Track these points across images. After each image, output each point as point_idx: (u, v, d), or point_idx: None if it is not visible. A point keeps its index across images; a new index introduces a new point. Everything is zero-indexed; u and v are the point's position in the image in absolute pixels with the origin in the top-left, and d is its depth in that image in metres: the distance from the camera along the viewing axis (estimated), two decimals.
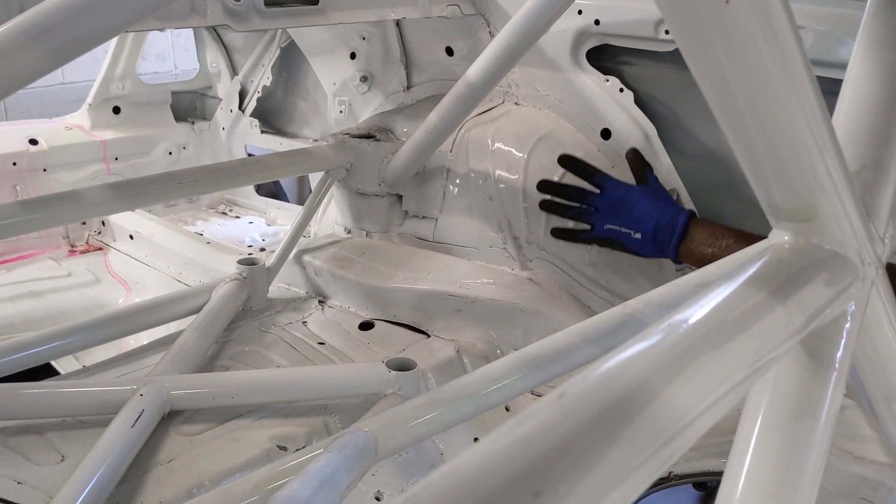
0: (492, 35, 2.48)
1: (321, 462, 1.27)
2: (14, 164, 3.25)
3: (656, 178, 2.15)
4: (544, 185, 2.23)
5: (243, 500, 1.37)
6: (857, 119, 0.97)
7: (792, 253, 0.80)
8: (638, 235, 2.06)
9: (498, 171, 2.37)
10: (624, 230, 2.09)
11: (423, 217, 2.58)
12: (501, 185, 2.36)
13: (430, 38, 2.75)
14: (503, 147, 2.39)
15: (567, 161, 2.22)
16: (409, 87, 2.90)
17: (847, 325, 0.84)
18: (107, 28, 1.23)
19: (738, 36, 0.64)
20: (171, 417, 1.80)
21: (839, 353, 0.83)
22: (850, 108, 0.98)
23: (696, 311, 0.66)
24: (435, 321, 2.28)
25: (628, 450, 0.49)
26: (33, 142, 3.32)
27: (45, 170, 3.32)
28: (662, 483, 1.85)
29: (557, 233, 2.25)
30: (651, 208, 2.05)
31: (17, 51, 1.13)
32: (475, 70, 2.17)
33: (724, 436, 0.82)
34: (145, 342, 2.34)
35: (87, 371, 2.14)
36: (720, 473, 0.81)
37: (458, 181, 2.48)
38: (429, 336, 2.27)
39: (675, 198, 2.28)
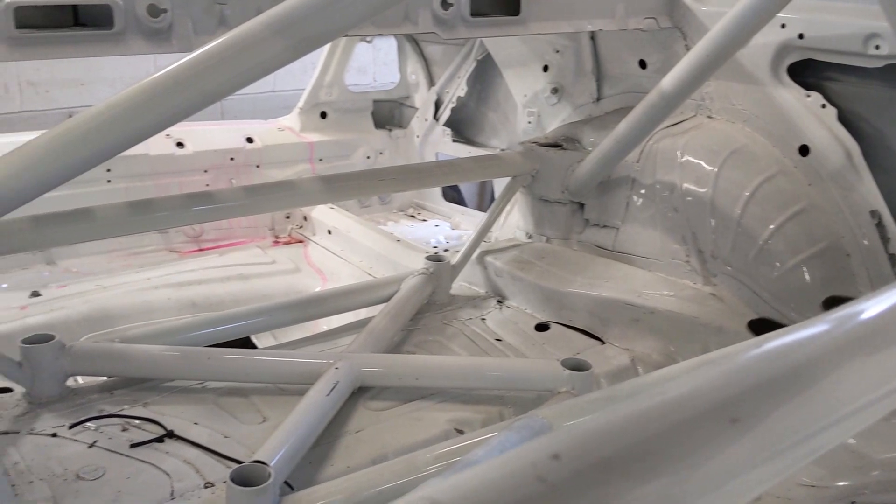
0: (688, 48, 2.48)
1: (502, 437, 1.35)
2: (232, 159, 3.60)
3: None
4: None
5: (426, 467, 1.47)
6: None
7: None
8: None
9: (685, 184, 2.37)
10: None
11: (605, 226, 2.61)
12: (688, 198, 2.35)
13: (624, 51, 2.78)
14: (692, 160, 2.38)
15: (759, 325, 2.15)
16: (598, 99, 2.94)
17: None
18: (333, 28, 1.38)
19: None
20: (360, 392, 1.95)
21: None
22: None
23: (871, 307, 0.67)
24: (610, 329, 2.31)
25: (813, 401, 0.53)
26: (249, 140, 3.66)
27: (258, 166, 3.66)
28: None
29: None
30: None
31: (262, 43, 1.29)
32: (669, 81, 2.19)
33: None
34: (336, 326, 2.53)
35: (285, 346, 2.35)
36: None
37: (642, 192, 2.49)
38: (603, 343, 2.29)
39: (876, 221, 2.18)
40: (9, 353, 1.87)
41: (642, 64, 2.72)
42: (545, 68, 3.14)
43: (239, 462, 1.62)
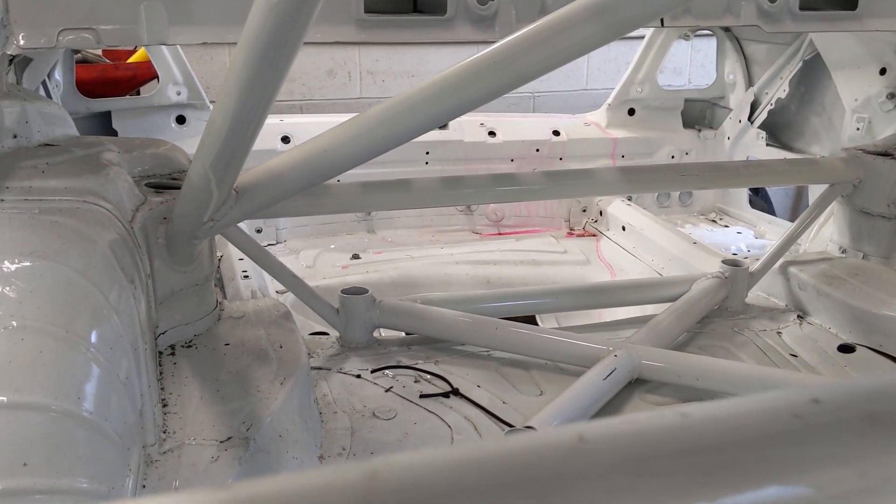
0: None
1: None
2: (537, 150, 3.74)
3: None
4: None
5: None
6: None
7: None
8: None
9: None
10: None
11: None
12: None
13: None
14: None
15: None
16: None
17: None
18: (649, 12, 1.38)
19: None
20: (637, 384, 1.95)
21: None
22: None
23: None
24: None
25: None
26: (556, 133, 3.77)
27: (560, 158, 3.75)
28: None
29: None
30: None
31: (576, 27, 1.34)
32: None
33: None
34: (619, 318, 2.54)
35: (567, 328, 2.41)
36: None
37: None
38: None
39: None
40: (330, 302, 2.15)
41: None
42: (882, 71, 2.86)
43: (513, 427, 1.71)
